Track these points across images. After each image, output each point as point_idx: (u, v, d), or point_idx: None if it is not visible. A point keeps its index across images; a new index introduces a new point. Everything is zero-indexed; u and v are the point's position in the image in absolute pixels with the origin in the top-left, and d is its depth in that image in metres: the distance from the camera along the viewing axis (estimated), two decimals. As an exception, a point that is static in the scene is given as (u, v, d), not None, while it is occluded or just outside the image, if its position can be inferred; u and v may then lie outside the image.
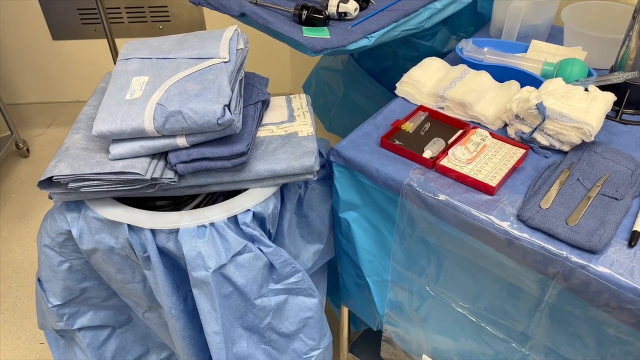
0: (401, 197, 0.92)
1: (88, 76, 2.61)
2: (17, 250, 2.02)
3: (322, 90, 1.82)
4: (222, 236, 0.85)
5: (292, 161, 0.89)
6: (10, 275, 1.93)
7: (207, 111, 0.80)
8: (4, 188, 2.28)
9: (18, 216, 2.15)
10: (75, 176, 0.83)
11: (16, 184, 2.31)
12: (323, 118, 1.83)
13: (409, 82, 1.08)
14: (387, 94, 1.62)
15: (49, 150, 2.49)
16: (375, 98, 1.64)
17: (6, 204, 2.21)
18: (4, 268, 1.95)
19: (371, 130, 1.02)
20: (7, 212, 2.17)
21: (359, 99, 1.68)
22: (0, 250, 2.00)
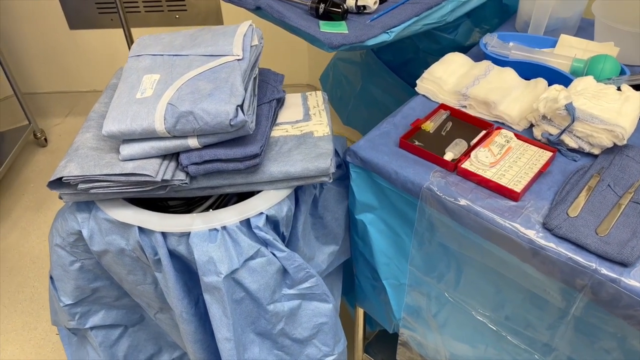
0: (420, 200, 0.88)
1: (105, 66, 2.60)
2: (35, 241, 2.03)
3: (339, 83, 1.78)
4: (234, 240, 0.83)
5: (307, 163, 0.85)
6: (28, 266, 1.94)
7: (219, 112, 0.77)
8: (22, 178, 2.29)
9: (36, 206, 2.16)
10: (85, 177, 0.81)
11: (34, 174, 2.32)
12: (340, 111, 1.80)
13: (430, 79, 1.04)
14: (407, 87, 1.57)
15: (66, 139, 2.50)
16: (394, 92, 1.60)
17: (24, 193, 2.22)
18: (22, 258, 1.96)
19: (390, 130, 0.98)
20: (25, 202, 2.18)
21: (377, 93, 1.64)
22: (18, 241, 2.01)
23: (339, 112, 1.80)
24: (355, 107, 1.73)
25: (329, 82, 1.83)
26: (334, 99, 1.82)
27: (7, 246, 1.99)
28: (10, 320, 1.76)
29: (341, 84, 1.77)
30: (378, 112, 1.66)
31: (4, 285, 1.86)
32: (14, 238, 2.02)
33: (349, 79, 1.73)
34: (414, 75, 1.57)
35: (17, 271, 1.92)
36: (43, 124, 2.52)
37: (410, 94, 1.57)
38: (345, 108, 1.77)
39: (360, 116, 1.73)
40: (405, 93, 1.57)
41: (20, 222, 2.09)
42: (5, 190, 2.23)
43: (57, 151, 2.44)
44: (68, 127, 2.58)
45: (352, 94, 1.72)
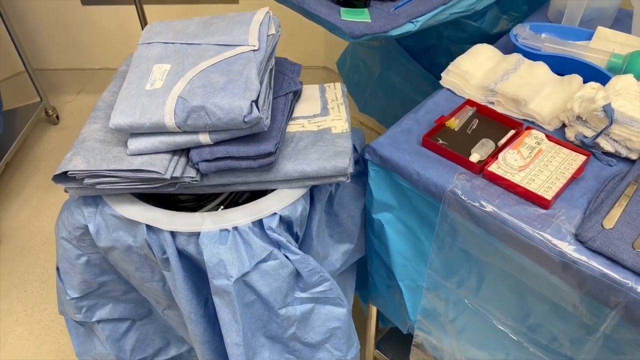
0: (443, 204, 0.83)
1: (117, 43, 2.54)
2: (46, 220, 2.01)
3: (357, 68, 1.71)
4: (245, 242, 0.79)
5: (324, 162, 0.81)
6: (39, 246, 1.93)
7: (233, 107, 0.73)
8: (34, 155, 2.27)
9: (47, 185, 2.14)
10: (90, 172, 0.77)
11: (45, 152, 2.30)
12: (357, 98, 1.74)
13: (456, 72, 0.98)
14: (427, 75, 1.51)
15: (78, 117, 2.47)
16: (414, 79, 1.54)
17: (35, 172, 2.20)
18: (33, 238, 1.94)
19: (412, 126, 0.93)
20: (36, 181, 2.16)
21: (397, 80, 1.57)
22: (29, 220, 2.00)
23: (355, 98, 1.74)
24: (372, 94, 1.67)
25: (346, 66, 1.77)
26: (350, 84, 1.76)
27: (17, 225, 1.98)
28: (20, 301, 1.75)
29: (359, 70, 1.70)
30: (396, 100, 1.60)
31: (14, 265, 1.85)
32: (24, 217, 2.01)
33: (367, 64, 1.66)
34: (436, 63, 1.51)
35: (28, 251, 1.90)
36: (55, 101, 2.49)
37: (431, 82, 1.52)
38: (362, 94, 1.71)
39: (377, 103, 1.67)
40: (426, 81, 1.51)
41: (31, 201, 2.07)
42: (16, 168, 2.21)
43: (68, 129, 2.41)
44: (80, 105, 2.54)
45: (369, 80, 1.66)
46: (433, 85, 1.51)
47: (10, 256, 1.88)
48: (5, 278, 1.82)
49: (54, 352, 1.62)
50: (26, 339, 1.65)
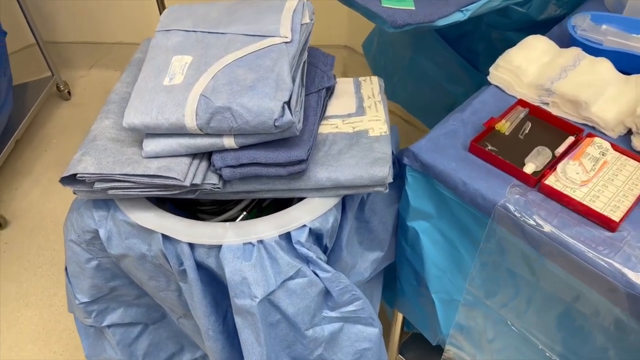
0: (492, 219, 0.74)
1: (132, 17, 2.44)
2: (57, 201, 1.95)
3: (385, 52, 1.61)
4: (271, 257, 0.71)
5: (360, 170, 0.72)
6: (49, 227, 1.87)
7: (262, 109, 0.64)
8: (45, 133, 2.20)
9: (58, 164, 2.07)
10: (102, 175, 0.69)
11: (57, 129, 2.22)
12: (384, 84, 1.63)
13: (507, 67, 0.88)
14: (463, 63, 1.40)
15: (91, 93, 2.38)
16: (448, 67, 1.43)
17: (46, 149, 2.13)
18: (43, 219, 1.89)
19: (457, 128, 0.84)
20: (47, 159, 2.09)
21: (428, 66, 1.47)
22: (39, 200, 1.94)
23: (382, 84, 1.64)
24: (401, 80, 1.56)
25: (373, 49, 1.66)
26: (377, 69, 1.65)
27: (28, 205, 1.92)
28: (30, 284, 1.71)
29: (387, 53, 1.59)
30: (427, 88, 1.49)
31: (24, 247, 1.80)
32: (35, 197, 1.95)
33: (396, 48, 1.55)
34: (473, 50, 1.40)
35: (38, 232, 1.85)
36: (66, 76, 2.40)
37: (467, 70, 1.41)
38: (390, 81, 1.60)
39: (406, 90, 1.56)
40: (461, 70, 1.40)
41: (42, 180, 2.01)
42: (26, 145, 2.14)
43: (81, 105, 2.33)
44: (93, 80, 2.45)
45: (399, 65, 1.55)
46: (468, 74, 1.41)
47: (20, 238, 1.83)
48: (15, 260, 1.77)
49: (64, 339, 1.58)
50: (36, 324, 1.61)
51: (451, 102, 1.44)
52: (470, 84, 1.37)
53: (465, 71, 1.38)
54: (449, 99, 1.43)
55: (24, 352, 1.54)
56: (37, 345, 1.56)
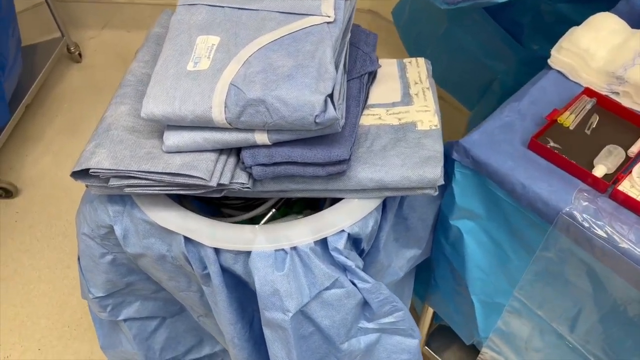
0: (554, 227, 0.66)
1: (146, -27, 2.31)
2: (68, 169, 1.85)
3: (417, 21, 1.48)
4: (306, 266, 0.64)
5: (408, 170, 0.63)
6: (61, 197, 1.81)
7: (302, 103, 0.55)
8: (55, 96, 2.12)
9: (70, 129, 2.00)
10: (117, 172, 0.61)
11: (68, 93, 2.14)
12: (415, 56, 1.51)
13: (573, 50, 0.77)
14: (505, 36, 1.28)
15: (102, 55, 2.28)
16: (487, 40, 1.31)
17: (57, 114, 2.06)
18: (55, 188, 1.83)
19: (514, 120, 0.74)
20: (58, 124, 2.02)
21: (465, 39, 1.35)
22: (50, 168, 1.88)
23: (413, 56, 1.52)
24: (434, 53, 1.45)
25: (404, 17, 1.53)
26: (407, 39, 1.53)
27: (39, 173, 1.86)
28: (43, 256, 1.66)
29: (419, 22, 1.47)
30: (463, 63, 1.38)
31: (36, 217, 1.75)
32: (46, 164, 1.89)
33: (431, 17, 1.43)
34: (517, 22, 1.28)
35: (50, 202, 1.79)
36: (77, 37, 2.30)
37: (509, 44, 1.29)
38: (421, 53, 1.48)
39: (439, 64, 1.44)
40: (503, 43, 1.29)
41: (53, 147, 1.94)
42: (37, 109, 2.06)
43: (92, 68, 2.23)
44: (104, 41, 2.35)
45: (432, 36, 1.43)
46: (511, 48, 1.29)
47: (31, 207, 1.78)
48: (27, 230, 1.72)
49: (78, 313, 1.54)
50: (50, 297, 1.57)
51: (490, 79, 1.33)
52: (513, 59, 1.26)
53: (508, 45, 1.26)
54: (488, 75, 1.32)
55: (37, 326, 1.51)
56: (50, 319, 1.53)
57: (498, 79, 1.32)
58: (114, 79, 2.14)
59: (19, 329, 1.50)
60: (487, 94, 1.38)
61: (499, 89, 1.33)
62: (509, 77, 1.30)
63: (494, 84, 1.33)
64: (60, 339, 1.49)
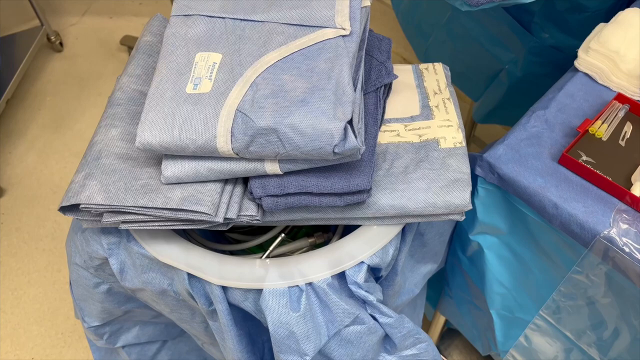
0: (590, 251, 0.61)
1: (127, -45, 2.19)
2: (54, 166, 1.81)
3: (418, 7, 1.41)
4: (323, 304, 0.58)
5: (434, 196, 0.58)
6: (48, 196, 1.74)
7: (319, 132, 0.49)
8: (37, 89, 2.02)
9: (54, 124, 1.91)
10: (112, 207, 0.55)
11: (50, 85, 2.04)
12: (416, 45, 1.44)
13: (602, 51, 0.71)
14: (513, 24, 1.21)
15: (84, 43, 2.18)
16: (495, 27, 1.24)
17: (40, 108, 1.96)
18: (42, 186, 1.75)
19: (541, 131, 0.68)
20: (41, 119, 1.93)
21: (471, 27, 1.27)
22: (36, 166, 1.80)
23: (415, 45, 1.45)
24: (437, 40, 1.38)
25: (404, 3, 1.46)
26: (408, 25, 1.46)
27: (24, 171, 1.78)
28: (32, 259, 1.60)
29: (421, 8, 1.40)
30: (469, 51, 1.31)
31: (23, 218, 1.68)
32: (30, 162, 1.81)
33: (433, 2, 1.35)
34: (527, 9, 1.21)
35: (37, 201, 1.72)
36: (56, 25, 2.19)
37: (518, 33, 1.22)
38: (424, 40, 1.41)
39: (443, 52, 1.38)
40: (511, 31, 1.22)
41: (37, 143, 1.86)
42: (19, 103, 1.96)
43: (74, 57, 2.13)
44: (85, 28, 2.24)
45: (436, 22, 1.36)
46: (519, 37, 1.22)
47: (17, 207, 1.70)
48: (14, 233, 1.65)
49: (71, 318, 1.48)
50: (40, 303, 1.51)
51: (497, 69, 1.27)
52: (521, 49, 1.19)
53: (516, 33, 1.19)
54: (495, 65, 1.25)
55: (28, 333, 1.46)
56: (42, 326, 1.47)
57: (505, 69, 1.25)
58: (98, 68, 2.05)
59: (11, 337, 1.44)
60: (493, 85, 1.31)
61: (507, 80, 1.26)
62: (517, 67, 1.23)
63: (501, 74, 1.27)
64: (54, 347, 1.43)
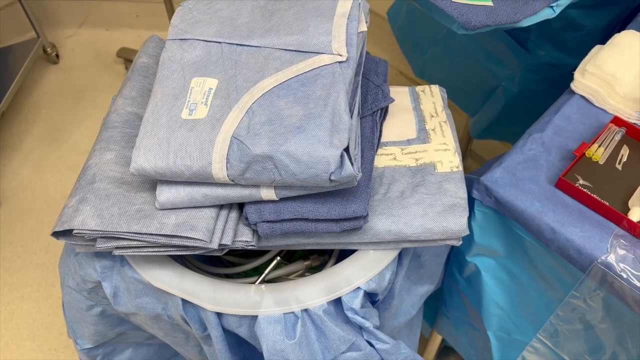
0: (587, 276, 0.61)
1: (124, -33, 2.19)
2: (50, 179, 1.80)
3: (415, 23, 1.41)
4: (319, 331, 0.57)
5: (430, 221, 0.57)
6: (42, 209, 1.73)
7: (315, 160, 0.48)
8: (32, 101, 2.01)
9: (49, 137, 1.90)
10: (105, 233, 0.54)
11: (46, 97, 2.03)
12: (413, 60, 1.45)
13: (598, 74, 0.71)
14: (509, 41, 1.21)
15: (81, 55, 2.17)
16: (491, 44, 1.24)
17: (35, 121, 1.96)
18: (36, 199, 1.74)
19: (538, 154, 0.68)
20: (36, 132, 1.92)
21: (468, 43, 1.28)
22: (31, 179, 1.78)
23: (411, 59, 1.45)
24: (434, 56, 1.38)
25: (400, 18, 1.46)
26: (404, 41, 1.46)
27: (19, 184, 1.77)
28: (25, 274, 1.58)
29: (417, 25, 1.40)
30: (465, 67, 1.32)
31: (17, 232, 1.66)
32: (25, 175, 1.79)
33: (429, 18, 1.36)
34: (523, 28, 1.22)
35: (31, 215, 1.71)
36: (53, 37, 2.18)
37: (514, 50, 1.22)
38: (420, 55, 1.42)
39: (440, 68, 1.38)
40: (507, 48, 1.22)
41: (32, 156, 1.85)
42: (14, 115, 1.96)
43: (70, 69, 2.12)
44: (82, 40, 2.23)
45: (432, 38, 1.36)
46: (515, 54, 1.23)
47: (11, 221, 1.69)
48: (7, 246, 1.63)
49: (64, 334, 1.47)
50: (33, 318, 1.49)
51: (493, 86, 1.27)
52: (518, 65, 1.19)
53: (512, 51, 1.20)
54: (492, 81, 1.26)
55: (21, 349, 1.44)
56: (35, 341, 1.45)
57: (502, 86, 1.26)
58: (94, 81, 2.04)
59: (4, 353, 1.43)
60: (490, 101, 1.32)
61: (503, 96, 1.27)
62: (513, 83, 1.24)
63: (498, 90, 1.27)
64: (48, 364, 1.42)
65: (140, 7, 2.21)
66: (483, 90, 1.29)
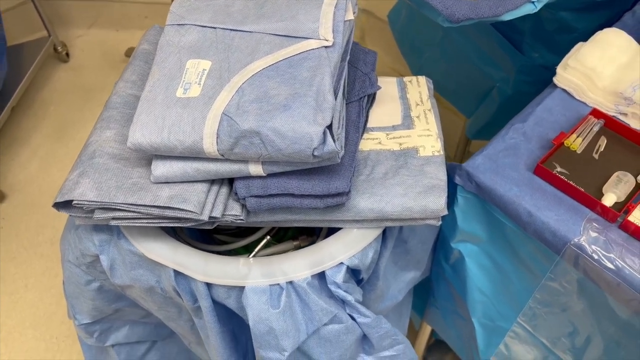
0: (561, 257, 0.63)
1: (134, -29, 2.25)
2: (56, 174, 1.84)
3: (414, 25, 1.45)
4: (303, 302, 0.60)
5: (410, 200, 0.60)
6: (48, 203, 1.76)
7: (299, 136, 0.52)
8: (42, 98, 2.06)
9: (57, 134, 1.95)
10: (103, 204, 0.57)
11: (55, 94, 2.08)
12: (411, 61, 1.48)
13: (579, 68, 0.74)
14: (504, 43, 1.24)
15: (90, 54, 2.23)
16: (487, 46, 1.28)
17: (44, 118, 2.01)
18: (42, 194, 1.78)
19: (518, 143, 0.71)
20: (45, 128, 1.97)
21: (464, 44, 1.31)
22: (38, 174, 1.83)
23: (409, 61, 1.49)
24: (431, 58, 1.41)
25: (400, 21, 1.50)
26: (404, 43, 1.50)
27: (26, 178, 1.81)
28: (30, 265, 1.62)
29: (416, 27, 1.44)
30: (461, 69, 1.35)
31: (22, 224, 1.71)
32: (33, 169, 1.84)
33: (428, 21, 1.39)
34: (517, 29, 1.25)
35: (37, 209, 1.75)
36: (63, 36, 2.24)
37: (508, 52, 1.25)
38: (418, 57, 1.45)
39: (437, 70, 1.42)
40: (502, 50, 1.25)
41: (40, 151, 1.89)
42: (23, 111, 2.01)
43: (79, 68, 2.18)
44: (92, 40, 2.29)
45: (430, 40, 1.40)
46: (510, 56, 1.26)
47: (17, 214, 1.73)
48: (13, 238, 1.68)
49: (66, 324, 1.50)
50: (36, 307, 1.53)
51: (488, 87, 1.30)
52: (512, 67, 1.22)
53: (507, 52, 1.23)
54: (487, 82, 1.29)
55: (23, 337, 1.47)
56: (38, 330, 1.49)
57: (497, 87, 1.29)
58: (102, 79, 2.10)
59: (6, 341, 1.46)
60: (485, 102, 1.35)
61: (498, 97, 1.30)
62: (507, 85, 1.26)
63: (493, 92, 1.30)
64: (48, 351, 1.45)
65: (148, 9, 2.26)
66: (478, 91, 1.32)
